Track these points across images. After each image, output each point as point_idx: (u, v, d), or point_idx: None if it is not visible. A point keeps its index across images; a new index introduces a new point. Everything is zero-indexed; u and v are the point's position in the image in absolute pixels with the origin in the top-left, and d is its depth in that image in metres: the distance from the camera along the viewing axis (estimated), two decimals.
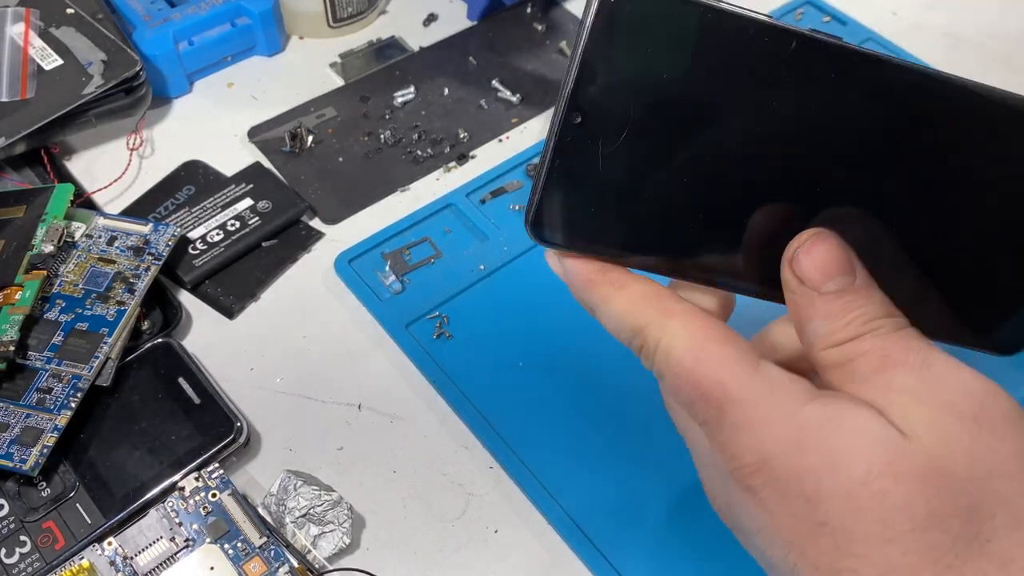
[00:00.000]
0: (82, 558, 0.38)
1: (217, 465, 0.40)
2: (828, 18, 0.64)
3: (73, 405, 0.40)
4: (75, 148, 0.55)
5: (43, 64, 0.51)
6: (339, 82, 0.59)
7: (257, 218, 0.50)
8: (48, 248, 0.44)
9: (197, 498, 0.39)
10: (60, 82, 0.51)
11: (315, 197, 0.52)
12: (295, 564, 0.38)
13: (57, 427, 0.39)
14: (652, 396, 0.43)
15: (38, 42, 0.52)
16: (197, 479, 0.40)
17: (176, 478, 0.39)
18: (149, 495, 0.39)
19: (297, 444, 0.43)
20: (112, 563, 0.38)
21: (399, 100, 0.58)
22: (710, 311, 0.27)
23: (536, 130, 0.57)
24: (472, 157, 0.55)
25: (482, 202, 0.52)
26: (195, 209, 0.50)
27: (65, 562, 0.38)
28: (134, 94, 0.52)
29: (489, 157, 0.55)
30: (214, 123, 0.57)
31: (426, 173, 0.54)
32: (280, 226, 0.50)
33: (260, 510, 0.40)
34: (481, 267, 0.49)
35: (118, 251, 0.46)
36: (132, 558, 0.38)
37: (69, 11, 0.54)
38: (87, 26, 0.53)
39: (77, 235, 0.46)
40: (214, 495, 0.39)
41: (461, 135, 0.56)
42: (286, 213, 0.50)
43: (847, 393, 0.25)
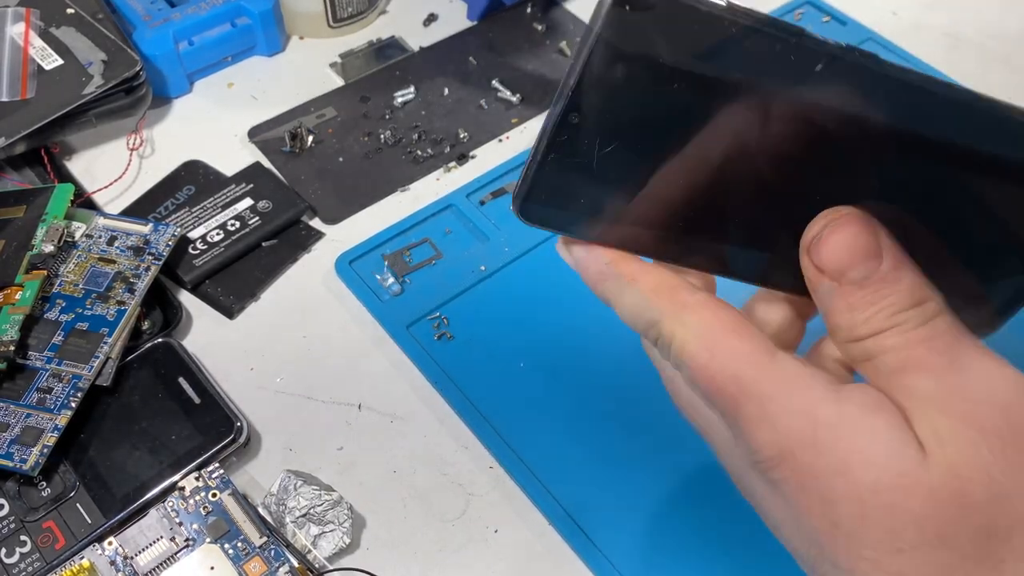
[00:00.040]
0: (82, 558, 0.38)
1: (217, 465, 0.40)
2: (828, 18, 0.63)
3: (73, 405, 0.40)
4: (75, 148, 0.55)
5: (43, 64, 0.51)
6: (339, 82, 0.59)
7: (257, 218, 0.50)
8: (48, 248, 0.44)
9: (197, 498, 0.39)
10: (60, 82, 0.51)
11: (315, 197, 0.52)
12: (295, 564, 0.38)
13: (57, 427, 0.39)
14: (652, 396, 0.43)
15: (38, 42, 0.52)
16: (197, 479, 0.40)
17: (176, 478, 0.40)
18: (149, 495, 0.39)
19: (297, 444, 0.43)
20: (112, 563, 0.38)
21: (399, 100, 0.58)
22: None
23: (536, 130, 0.57)
24: (472, 157, 0.55)
25: (482, 203, 0.52)
26: (195, 209, 0.50)
27: (65, 562, 0.38)
28: (134, 94, 0.52)
29: (489, 157, 0.55)
30: (214, 123, 0.57)
31: (426, 173, 0.54)
32: (280, 226, 0.50)
33: (260, 510, 0.40)
34: (482, 268, 0.49)
35: (118, 251, 0.46)
36: (132, 558, 0.38)
37: (69, 11, 0.54)
38: (87, 26, 0.53)
39: (77, 235, 0.46)
40: (214, 495, 0.39)
41: (461, 135, 0.56)
42: (286, 213, 0.50)
43: (872, 388, 0.24)
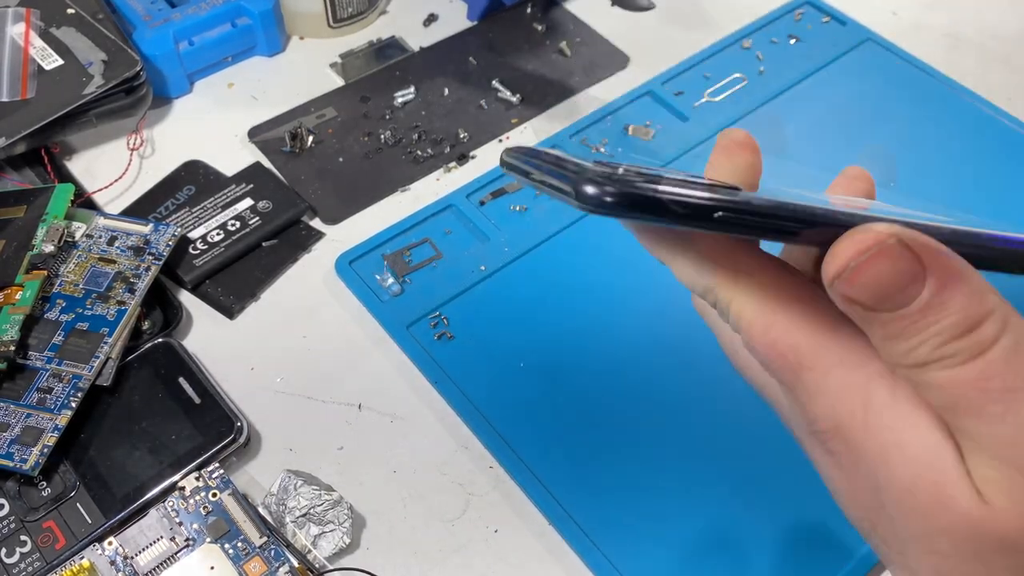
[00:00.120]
0: (82, 558, 0.38)
1: (217, 465, 0.40)
2: (828, 18, 0.63)
3: (73, 405, 0.40)
4: (75, 148, 0.55)
5: (43, 64, 0.51)
6: (339, 82, 0.59)
7: (257, 218, 0.50)
8: (48, 248, 0.44)
9: (197, 498, 0.39)
10: (60, 82, 0.51)
11: (315, 197, 0.52)
12: (295, 564, 0.38)
13: (57, 427, 0.39)
14: (652, 396, 0.44)
15: (38, 42, 0.52)
16: (197, 479, 0.40)
17: (176, 478, 0.40)
18: (149, 495, 0.39)
19: (297, 444, 0.43)
20: (112, 563, 0.38)
21: (399, 100, 0.58)
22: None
23: (536, 130, 0.57)
24: (472, 157, 0.55)
25: (482, 203, 0.52)
26: (195, 209, 0.50)
27: (65, 562, 0.38)
28: (134, 94, 0.52)
29: (489, 157, 0.55)
30: (214, 123, 0.57)
31: (426, 173, 0.54)
32: (280, 226, 0.50)
33: (260, 510, 0.40)
34: (482, 268, 0.49)
35: (118, 251, 0.46)
36: (132, 558, 0.38)
37: (69, 11, 0.54)
38: (87, 26, 0.53)
39: (77, 235, 0.46)
40: (214, 495, 0.39)
41: (461, 135, 0.56)
42: (286, 213, 0.50)
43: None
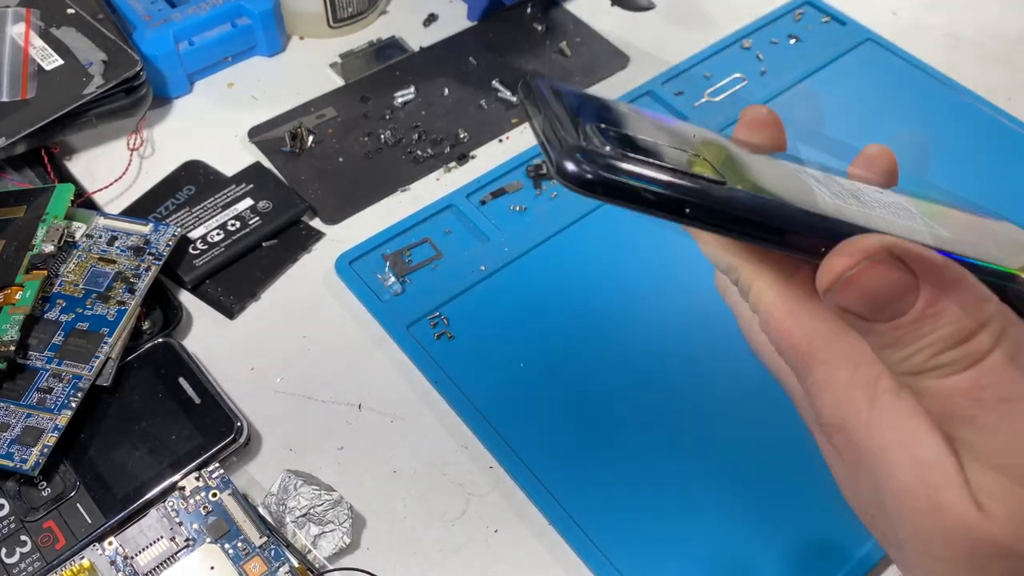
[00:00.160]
0: (82, 558, 0.38)
1: (217, 465, 0.40)
2: (827, 18, 0.63)
3: (73, 405, 0.40)
4: (75, 148, 0.55)
5: (43, 64, 0.51)
6: (339, 82, 0.59)
7: (257, 218, 0.50)
8: (48, 248, 0.44)
9: (197, 498, 0.39)
10: (60, 82, 0.51)
11: (315, 197, 0.52)
12: (295, 564, 0.38)
13: (57, 427, 0.39)
14: (652, 395, 0.44)
15: (38, 42, 0.52)
16: (197, 479, 0.40)
17: (176, 478, 0.40)
18: (149, 495, 0.39)
19: (297, 444, 0.43)
20: (112, 563, 0.38)
21: (399, 100, 0.58)
22: None
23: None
24: (472, 157, 0.55)
25: (482, 203, 0.52)
26: (195, 209, 0.50)
27: (65, 562, 0.38)
28: (134, 94, 0.52)
29: (489, 157, 0.55)
30: (214, 123, 0.57)
31: (426, 173, 0.54)
32: (280, 226, 0.50)
33: (260, 510, 0.40)
34: (482, 268, 0.49)
35: (118, 251, 0.46)
36: (132, 558, 0.38)
37: (69, 11, 0.54)
38: (87, 26, 0.53)
39: (77, 235, 0.46)
40: (214, 495, 0.39)
41: (461, 135, 0.56)
42: (286, 213, 0.50)
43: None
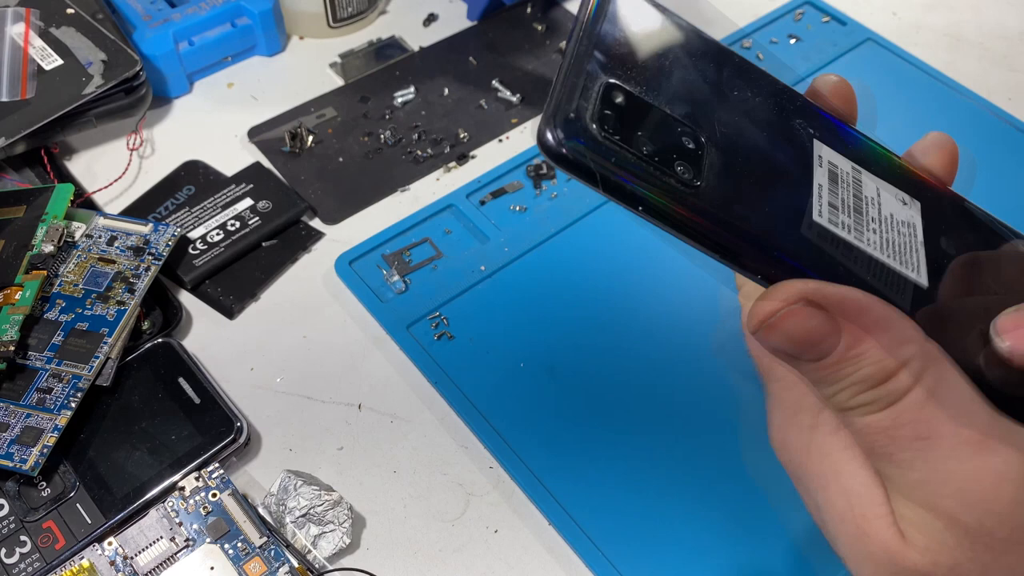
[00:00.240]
0: (82, 558, 0.38)
1: (217, 465, 0.40)
2: (828, 18, 0.63)
3: (73, 405, 0.40)
4: (75, 148, 0.55)
5: (43, 64, 0.51)
6: (339, 82, 0.59)
7: (257, 218, 0.50)
8: (48, 248, 0.44)
9: (197, 498, 0.39)
10: (60, 82, 0.51)
11: (315, 197, 0.52)
12: (295, 564, 0.38)
13: (57, 427, 0.39)
14: (653, 395, 0.44)
15: (38, 42, 0.52)
16: (197, 479, 0.40)
17: (176, 478, 0.39)
18: (149, 495, 0.39)
19: (297, 444, 0.43)
20: (112, 563, 0.38)
21: (399, 100, 0.58)
22: None
23: (536, 130, 0.57)
24: (472, 157, 0.55)
25: (482, 203, 0.52)
26: (195, 209, 0.50)
27: (65, 562, 0.38)
28: (134, 94, 0.52)
29: (489, 157, 0.55)
30: (214, 123, 0.57)
31: (426, 173, 0.54)
32: (280, 226, 0.50)
33: (260, 510, 0.40)
34: (482, 268, 0.49)
35: (118, 251, 0.46)
36: (132, 558, 0.38)
37: (69, 11, 0.54)
38: (87, 26, 0.53)
39: (77, 235, 0.46)
40: (214, 495, 0.39)
41: (461, 135, 0.56)
42: (286, 213, 0.50)
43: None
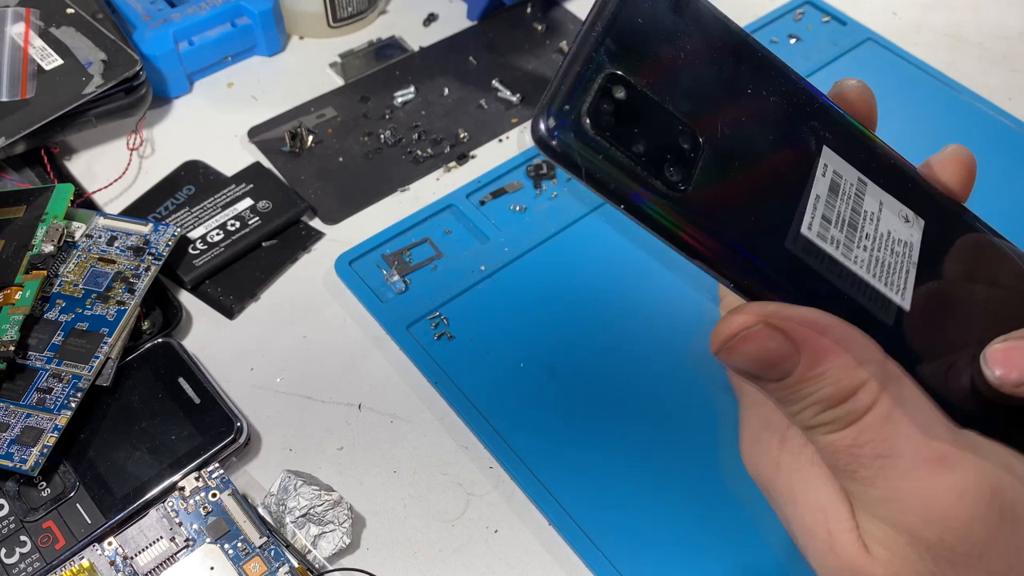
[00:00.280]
0: (82, 558, 0.38)
1: (217, 465, 0.40)
2: (828, 18, 0.63)
3: (73, 405, 0.40)
4: (75, 148, 0.55)
5: (43, 64, 0.51)
6: (339, 82, 0.59)
7: (257, 218, 0.50)
8: (48, 248, 0.44)
9: (197, 498, 0.39)
10: (60, 82, 0.51)
11: (315, 197, 0.52)
12: (295, 564, 0.38)
13: (57, 427, 0.39)
14: (653, 395, 0.44)
15: (38, 42, 0.52)
16: (197, 479, 0.40)
17: (176, 478, 0.39)
18: (149, 495, 0.39)
19: (297, 444, 0.43)
20: (112, 563, 0.38)
21: (399, 100, 0.58)
22: None
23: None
24: (472, 157, 0.55)
25: (482, 203, 0.52)
26: (195, 209, 0.50)
27: (65, 562, 0.38)
28: (134, 94, 0.52)
29: (489, 157, 0.55)
30: (214, 123, 0.57)
31: (426, 173, 0.54)
32: (280, 226, 0.50)
33: (260, 510, 0.40)
34: (482, 268, 0.49)
35: (118, 251, 0.46)
36: (132, 558, 0.38)
37: (69, 11, 0.54)
38: (87, 26, 0.53)
39: (77, 235, 0.46)
40: (214, 495, 0.39)
41: (461, 135, 0.56)
42: (286, 213, 0.50)
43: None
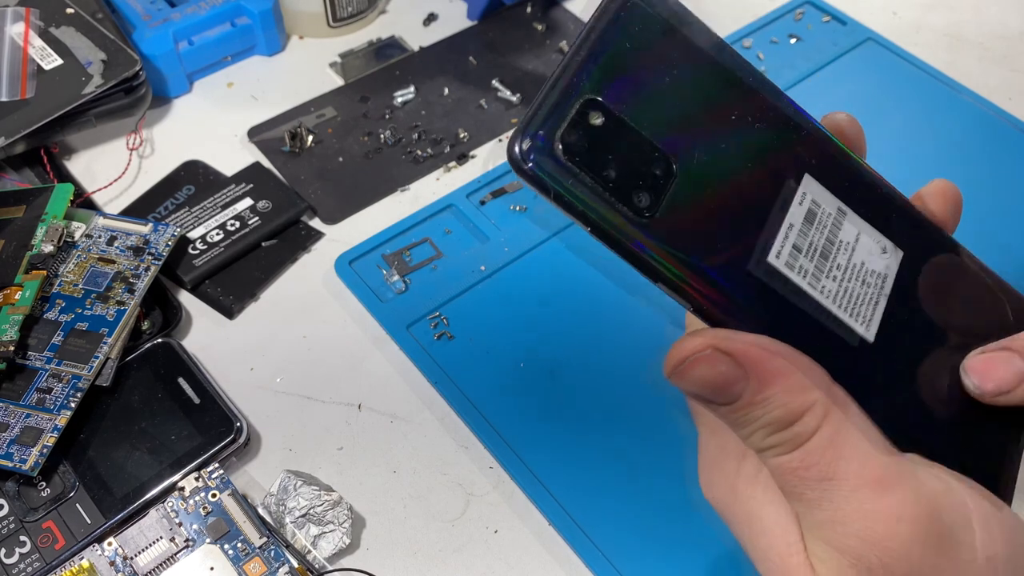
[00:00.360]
0: (82, 558, 0.38)
1: (217, 465, 0.40)
2: (828, 18, 0.63)
3: (73, 405, 0.40)
4: (75, 148, 0.55)
5: (43, 64, 0.51)
6: (339, 82, 0.59)
7: (257, 218, 0.50)
8: (48, 248, 0.44)
9: (197, 498, 0.39)
10: (60, 82, 0.51)
11: (315, 197, 0.52)
12: (295, 564, 0.38)
13: (57, 427, 0.39)
14: (652, 396, 0.44)
15: (38, 42, 0.52)
16: (197, 479, 0.40)
17: (176, 478, 0.39)
18: (149, 495, 0.39)
19: (297, 444, 0.43)
20: (112, 563, 0.38)
21: (399, 100, 0.58)
22: None
23: None
24: (472, 157, 0.55)
25: (482, 203, 0.52)
26: (195, 209, 0.50)
27: (65, 562, 0.38)
28: (134, 94, 0.52)
29: (489, 157, 0.55)
30: (214, 123, 0.57)
31: (426, 173, 0.54)
32: (280, 226, 0.50)
33: (260, 510, 0.40)
34: (482, 268, 0.49)
35: (118, 251, 0.46)
36: (132, 558, 0.38)
37: (69, 11, 0.54)
38: (87, 26, 0.53)
39: (77, 235, 0.46)
40: (214, 495, 0.39)
41: (461, 135, 0.56)
42: (286, 213, 0.50)
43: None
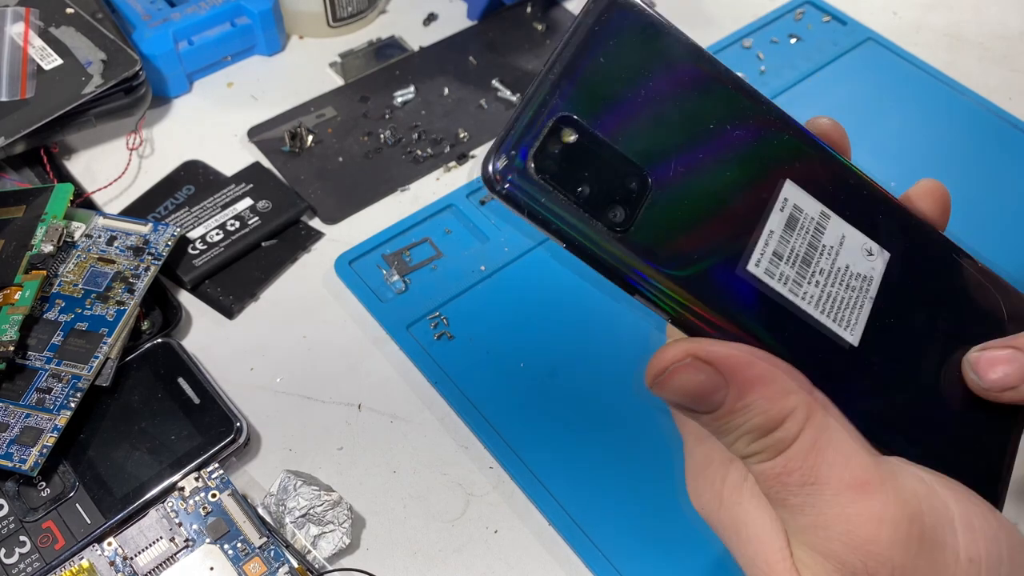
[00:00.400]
0: (82, 558, 0.38)
1: (217, 465, 0.40)
2: (828, 18, 0.63)
3: (73, 405, 0.40)
4: (75, 148, 0.55)
5: (43, 64, 0.51)
6: (339, 82, 0.59)
7: (257, 218, 0.50)
8: (48, 248, 0.44)
9: (197, 498, 0.39)
10: (60, 82, 0.51)
11: (315, 197, 0.52)
12: (295, 564, 0.38)
13: (57, 427, 0.39)
14: (652, 396, 0.44)
15: (38, 42, 0.52)
16: (197, 479, 0.40)
17: (176, 478, 0.39)
18: (149, 495, 0.39)
19: (297, 444, 0.43)
20: (112, 563, 0.38)
21: (399, 100, 0.58)
22: None
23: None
24: (472, 157, 0.55)
25: (482, 203, 0.52)
26: (195, 209, 0.50)
27: (65, 562, 0.38)
28: (134, 94, 0.52)
29: None
30: (214, 123, 0.57)
31: (426, 173, 0.54)
32: (280, 226, 0.50)
33: (260, 510, 0.40)
34: (482, 268, 0.49)
35: (118, 251, 0.46)
36: (132, 558, 0.38)
37: (69, 11, 0.54)
38: (87, 26, 0.53)
39: (77, 235, 0.46)
40: (214, 495, 0.39)
41: (461, 135, 0.56)
42: (286, 213, 0.50)
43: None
